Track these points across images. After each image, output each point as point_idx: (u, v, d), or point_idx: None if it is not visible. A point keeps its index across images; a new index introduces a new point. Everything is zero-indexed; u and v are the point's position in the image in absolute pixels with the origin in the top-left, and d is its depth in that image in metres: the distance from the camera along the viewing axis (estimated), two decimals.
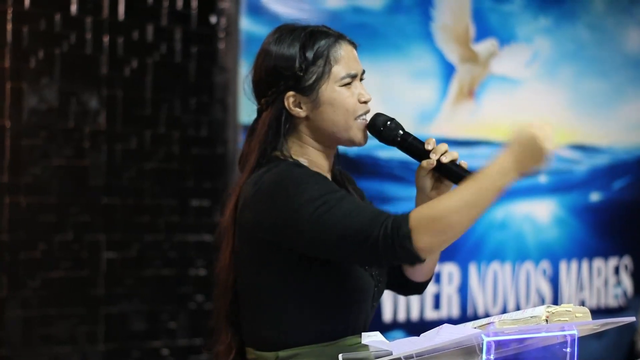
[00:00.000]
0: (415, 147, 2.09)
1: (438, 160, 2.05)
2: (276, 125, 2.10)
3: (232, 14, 4.35)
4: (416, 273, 2.22)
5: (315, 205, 1.94)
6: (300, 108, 2.09)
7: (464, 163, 2.07)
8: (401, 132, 2.10)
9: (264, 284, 2.06)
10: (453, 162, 2.06)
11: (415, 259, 1.90)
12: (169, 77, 4.24)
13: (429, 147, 2.07)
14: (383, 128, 2.10)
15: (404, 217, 1.90)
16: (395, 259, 1.92)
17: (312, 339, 2.04)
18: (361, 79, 2.14)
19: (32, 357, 3.88)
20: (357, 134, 2.10)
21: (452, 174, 2.05)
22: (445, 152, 2.06)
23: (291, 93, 2.08)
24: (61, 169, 3.97)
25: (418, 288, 2.28)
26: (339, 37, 2.12)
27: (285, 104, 2.09)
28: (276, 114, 2.10)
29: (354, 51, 2.13)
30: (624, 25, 5.77)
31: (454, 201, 1.90)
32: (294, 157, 2.10)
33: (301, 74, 2.07)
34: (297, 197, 1.96)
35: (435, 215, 1.89)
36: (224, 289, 2.15)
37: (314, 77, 2.07)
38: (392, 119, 2.11)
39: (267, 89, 2.10)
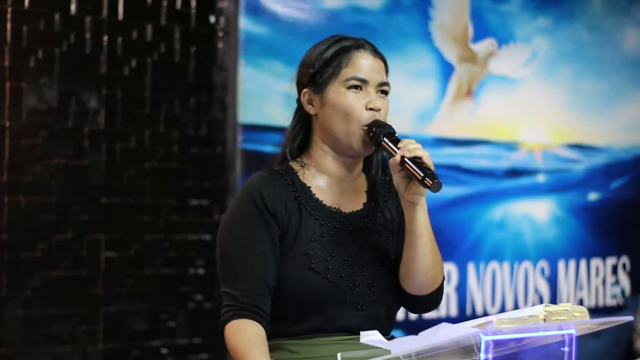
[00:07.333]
0: (388, 149, 2.06)
1: (403, 158, 2.01)
2: (295, 121, 2.22)
3: (231, 13, 4.35)
4: (409, 284, 2.15)
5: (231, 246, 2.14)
6: (312, 105, 2.18)
7: (427, 160, 2.01)
8: (386, 134, 2.08)
9: None
10: (415, 157, 2.01)
11: None
12: (168, 77, 4.24)
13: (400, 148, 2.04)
14: (375, 129, 2.10)
15: (222, 322, 2.08)
16: None
17: (273, 334, 2.11)
18: (383, 91, 2.16)
19: (32, 356, 3.89)
20: (357, 142, 2.13)
21: (412, 169, 2.00)
22: (413, 148, 2.02)
23: (306, 90, 2.18)
24: (61, 168, 3.98)
25: (421, 304, 2.20)
26: (361, 45, 2.18)
27: (302, 99, 2.20)
28: (296, 110, 2.23)
29: (376, 61, 2.17)
30: (622, 25, 5.78)
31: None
32: (305, 161, 2.20)
33: (314, 71, 2.16)
34: (226, 240, 2.14)
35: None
36: None
37: (325, 76, 2.15)
38: (388, 125, 2.10)
39: (297, 86, 2.23)
